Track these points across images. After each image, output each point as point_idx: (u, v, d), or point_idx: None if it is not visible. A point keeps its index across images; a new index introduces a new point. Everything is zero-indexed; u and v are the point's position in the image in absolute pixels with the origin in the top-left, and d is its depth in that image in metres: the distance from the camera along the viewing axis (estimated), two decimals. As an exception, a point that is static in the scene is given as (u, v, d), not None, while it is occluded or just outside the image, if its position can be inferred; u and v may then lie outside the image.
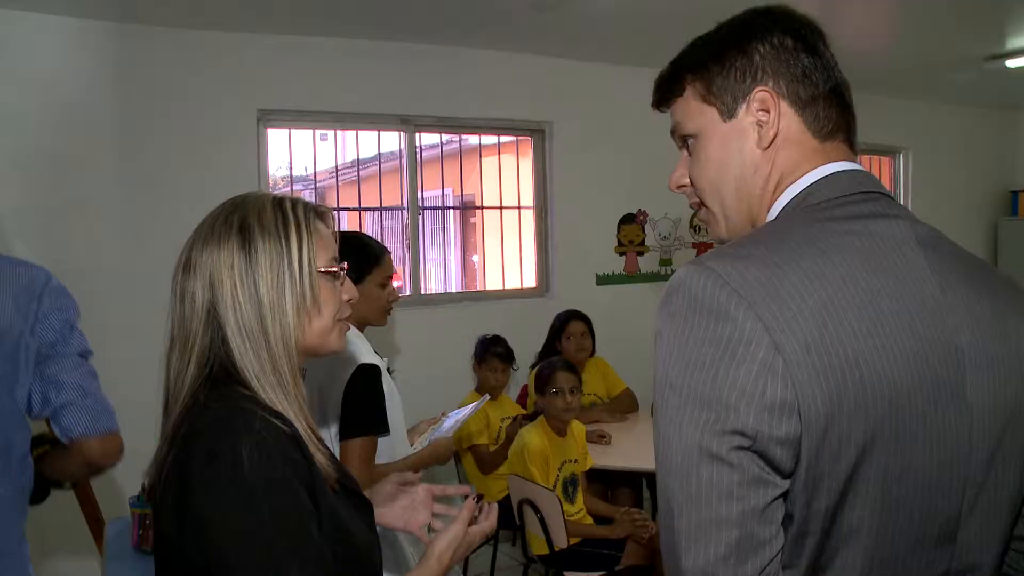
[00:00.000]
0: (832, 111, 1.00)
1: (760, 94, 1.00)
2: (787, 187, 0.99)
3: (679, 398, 0.85)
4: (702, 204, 1.09)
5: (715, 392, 0.82)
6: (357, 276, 2.33)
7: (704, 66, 1.04)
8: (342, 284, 1.37)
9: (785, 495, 0.85)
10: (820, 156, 0.99)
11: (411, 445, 2.44)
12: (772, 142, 1.00)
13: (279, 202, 1.32)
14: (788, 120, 1.00)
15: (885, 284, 0.88)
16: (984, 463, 0.91)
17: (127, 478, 1.92)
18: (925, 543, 0.89)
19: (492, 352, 4.14)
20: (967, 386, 0.90)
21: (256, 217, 1.28)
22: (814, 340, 0.82)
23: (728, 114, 1.02)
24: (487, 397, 3.39)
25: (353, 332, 2.28)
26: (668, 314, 0.88)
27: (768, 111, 1.00)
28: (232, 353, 1.24)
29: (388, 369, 2.33)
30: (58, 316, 1.83)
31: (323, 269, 1.32)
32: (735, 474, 0.82)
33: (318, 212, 1.37)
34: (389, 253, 2.44)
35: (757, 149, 1.01)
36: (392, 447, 2.26)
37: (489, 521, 1.54)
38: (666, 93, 1.10)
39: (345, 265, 1.37)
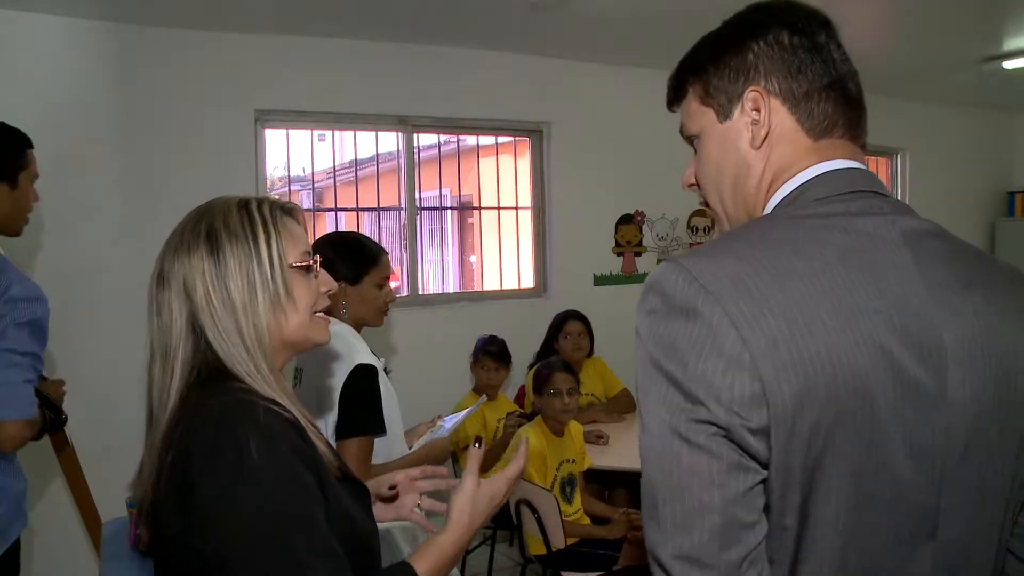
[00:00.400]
0: (828, 106, 0.99)
1: (751, 94, 1.00)
2: (781, 186, 0.99)
3: (657, 392, 0.87)
4: (708, 203, 1.11)
5: (688, 385, 0.84)
6: (355, 277, 2.33)
7: (702, 68, 1.05)
8: (316, 276, 1.38)
9: (765, 483, 0.86)
10: (815, 155, 0.99)
11: (409, 448, 2.44)
12: (764, 141, 1.00)
13: (244, 204, 1.34)
14: (781, 118, 1.00)
15: (863, 281, 0.88)
16: (967, 461, 0.90)
17: (124, 478, 1.91)
18: (903, 540, 0.89)
19: (486, 351, 4.15)
20: (948, 384, 0.89)
21: (222, 221, 1.30)
22: (782, 334, 0.83)
23: (724, 115, 1.03)
24: (484, 399, 3.39)
25: (350, 332, 2.28)
26: (645, 312, 0.90)
27: (759, 110, 1.00)
28: (220, 354, 1.26)
29: (384, 369, 2.33)
30: (6, 319, 2.07)
31: (294, 264, 1.33)
32: (715, 461, 0.83)
33: (286, 209, 1.39)
34: (387, 254, 2.45)
35: (751, 148, 1.02)
36: (389, 447, 2.27)
37: (517, 463, 1.47)
38: (673, 94, 1.11)
39: (318, 257, 1.39)
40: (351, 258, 2.34)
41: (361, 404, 2.17)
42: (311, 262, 1.37)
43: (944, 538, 0.91)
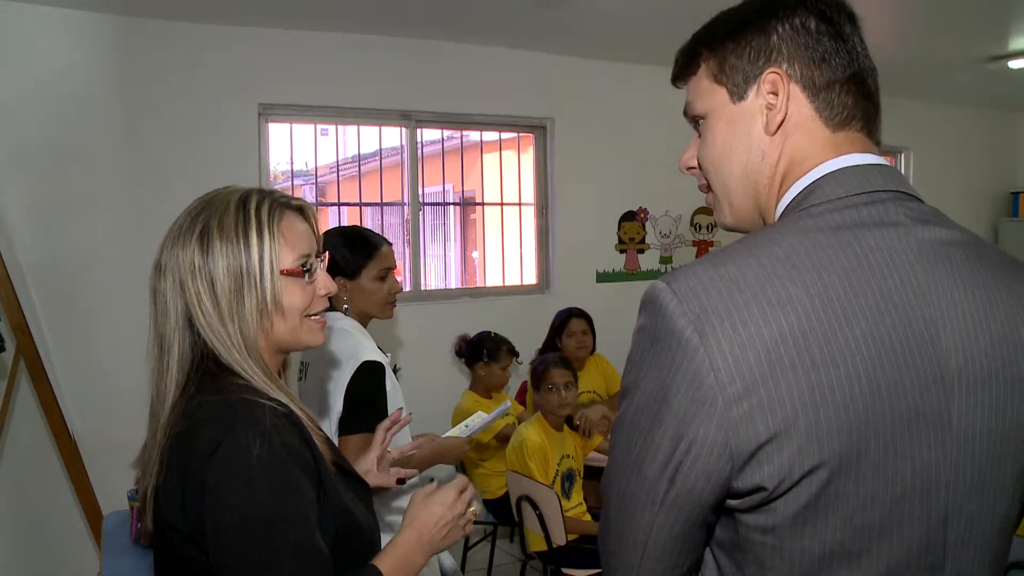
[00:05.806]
0: (848, 98, 0.96)
1: (771, 75, 0.96)
2: (794, 181, 0.95)
3: (631, 421, 0.89)
4: (709, 187, 1.06)
5: (657, 426, 0.86)
6: (353, 271, 2.32)
7: (720, 42, 1.00)
8: (312, 280, 1.36)
9: (740, 513, 0.88)
10: (831, 148, 0.95)
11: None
12: (780, 127, 0.96)
13: (243, 201, 1.31)
14: (798, 105, 0.96)
15: (864, 306, 0.84)
16: (974, 491, 0.87)
17: (125, 472, 1.92)
18: (905, 572, 0.86)
19: (508, 350, 4.09)
20: (953, 413, 0.85)
21: (217, 220, 1.28)
22: (762, 375, 0.81)
23: (738, 96, 0.99)
24: (508, 403, 3.34)
25: (357, 328, 2.27)
26: (639, 327, 0.89)
27: (777, 94, 0.96)
28: (216, 351, 1.26)
29: (394, 368, 2.32)
30: None
31: (287, 270, 1.31)
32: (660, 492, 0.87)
33: (291, 206, 1.36)
34: (388, 244, 2.42)
35: (764, 134, 0.98)
36: (394, 445, 2.26)
37: (461, 478, 1.49)
38: (682, 68, 1.06)
39: (314, 262, 1.36)
40: (347, 252, 2.32)
41: (365, 401, 2.16)
42: (306, 267, 1.34)
43: (953, 570, 0.88)
